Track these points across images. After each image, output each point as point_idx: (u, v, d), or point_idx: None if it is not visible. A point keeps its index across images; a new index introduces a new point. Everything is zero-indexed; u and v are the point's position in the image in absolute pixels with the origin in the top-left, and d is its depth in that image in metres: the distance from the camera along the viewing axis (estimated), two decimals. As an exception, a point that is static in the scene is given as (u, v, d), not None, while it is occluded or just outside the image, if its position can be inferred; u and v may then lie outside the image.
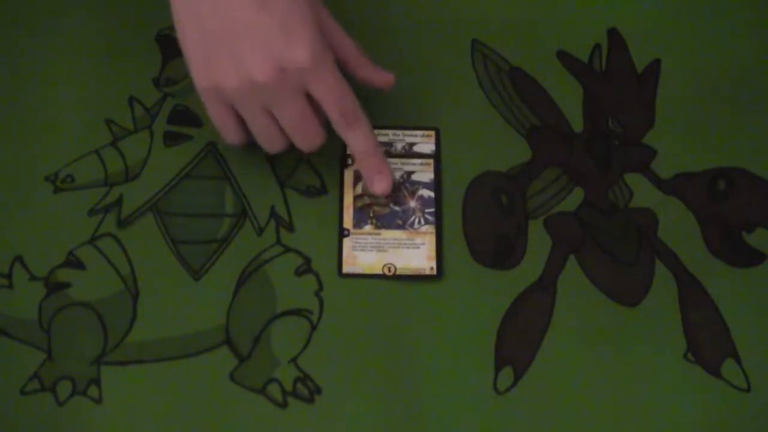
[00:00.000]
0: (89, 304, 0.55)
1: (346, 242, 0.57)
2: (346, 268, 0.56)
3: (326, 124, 0.54)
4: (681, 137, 0.61)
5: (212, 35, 0.50)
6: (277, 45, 0.49)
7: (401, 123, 0.61)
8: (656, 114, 0.62)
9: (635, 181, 0.60)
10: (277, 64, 0.49)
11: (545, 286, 0.56)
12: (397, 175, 0.59)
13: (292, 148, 0.55)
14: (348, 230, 0.57)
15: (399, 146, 0.60)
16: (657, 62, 0.63)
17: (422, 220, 0.58)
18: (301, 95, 0.51)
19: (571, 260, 0.57)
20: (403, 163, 0.59)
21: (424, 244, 0.57)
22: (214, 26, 0.50)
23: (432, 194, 0.58)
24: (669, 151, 0.60)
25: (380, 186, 0.56)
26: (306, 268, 0.56)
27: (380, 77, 0.57)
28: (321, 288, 0.56)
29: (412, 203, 0.58)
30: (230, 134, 0.55)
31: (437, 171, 0.59)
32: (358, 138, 0.54)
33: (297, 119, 0.53)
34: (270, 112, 0.52)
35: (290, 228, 0.57)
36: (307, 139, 0.54)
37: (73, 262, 0.56)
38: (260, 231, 0.57)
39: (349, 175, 0.59)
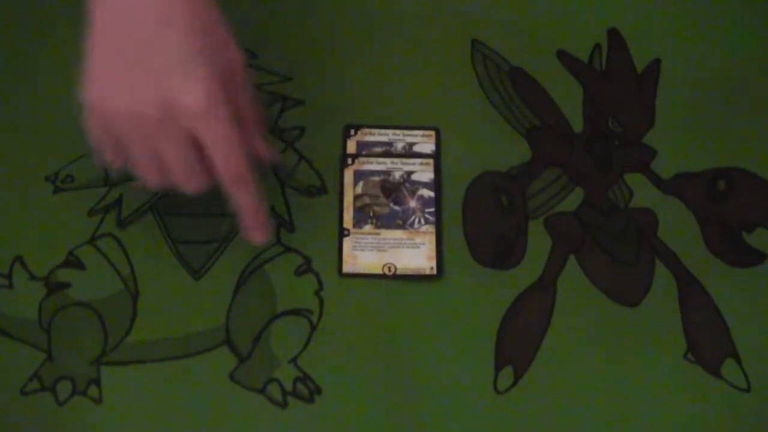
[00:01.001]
0: (89, 304, 0.55)
1: (346, 242, 0.57)
2: (346, 268, 0.56)
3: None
4: (681, 137, 0.61)
5: (116, 49, 0.47)
6: (174, 79, 0.46)
7: (401, 123, 0.61)
8: (656, 114, 0.62)
9: (635, 181, 0.60)
10: (168, 102, 0.46)
11: (545, 286, 0.56)
12: (397, 175, 0.59)
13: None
14: (348, 230, 0.57)
15: (399, 146, 0.60)
16: (657, 62, 0.63)
17: (422, 220, 0.58)
18: (186, 138, 0.48)
19: (571, 260, 0.57)
20: (403, 163, 0.59)
21: (424, 243, 0.57)
22: (121, 40, 0.47)
23: (432, 194, 0.58)
24: (669, 151, 0.60)
25: (258, 237, 0.53)
26: (306, 268, 0.56)
27: (262, 149, 0.54)
28: (321, 288, 0.56)
29: (412, 203, 0.58)
30: (110, 156, 0.51)
31: (437, 171, 0.59)
32: (241, 197, 0.51)
33: (177, 162, 0.49)
34: (154, 148, 0.49)
35: (290, 228, 0.57)
36: (186, 184, 0.50)
37: (73, 262, 0.56)
38: (260, 231, 0.57)
39: (349, 175, 0.59)
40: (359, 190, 0.58)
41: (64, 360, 0.53)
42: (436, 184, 0.59)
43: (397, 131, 0.60)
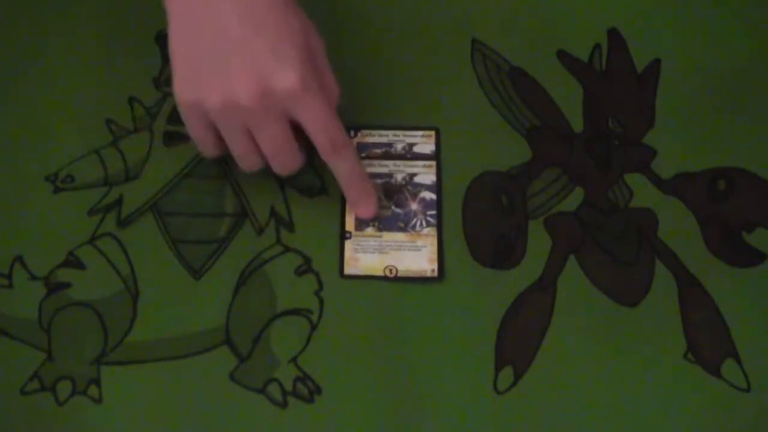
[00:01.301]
0: (89, 304, 0.55)
1: (348, 244, 0.57)
2: (348, 270, 0.56)
3: (307, 150, 0.54)
4: (681, 137, 0.61)
5: (203, 50, 0.50)
6: (267, 67, 0.49)
7: (401, 123, 0.61)
8: (656, 114, 0.62)
9: (635, 181, 0.60)
10: (264, 85, 0.49)
11: (545, 286, 0.56)
12: (399, 177, 0.59)
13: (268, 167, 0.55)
14: (350, 232, 0.57)
15: (399, 146, 0.60)
16: (657, 62, 0.63)
17: (424, 223, 0.58)
18: (284, 120, 0.51)
19: (571, 260, 0.57)
20: (405, 165, 0.59)
21: (425, 246, 0.57)
22: (207, 41, 0.49)
23: (434, 196, 0.58)
24: (669, 151, 0.60)
25: (366, 210, 0.56)
26: (306, 268, 0.56)
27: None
28: (321, 288, 0.56)
29: (414, 205, 0.58)
30: (207, 149, 0.55)
31: (439, 173, 0.59)
32: (344, 165, 0.54)
33: (277, 144, 0.52)
34: (250, 132, 0.52)
35: (290, 228, 0.57)
36: (285, 164, 0.54)
37: (73, 262, 0.56)
38: (260, 231, 0.57)
39: None
40: None
41: (64, 360, 0.53)
42: (438, 187, 0.59)
43: (397, 132, 0.60)
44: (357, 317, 0.55)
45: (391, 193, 0.58)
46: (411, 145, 0.60)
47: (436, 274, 0.56)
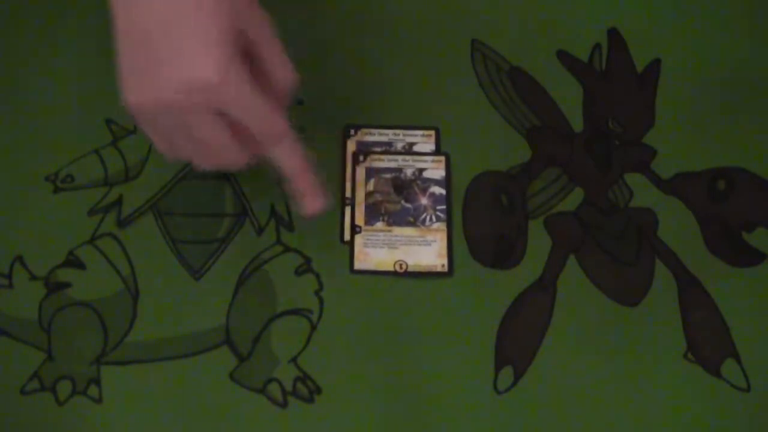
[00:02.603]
0: (89, 304, 0.55)
1: (358, 239, 0.57)
2: (358, 265, 0.56)
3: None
4: (681, 137, 0.61)
5: (133, 52, 0.46)
6: (184, 67, 0.45)
7: (401, 123, 0.61)
8: (656, 114, 0.62)
9: (635, 181, 0.60)
10: (185, 86, 0.45)
11: (545, 286, 0.56)
12: (409, 172, 0.59)
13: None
14: (360, 227, 0.57)
15: (399, 146, 0.60)
16: (657, 62, 0.63)
17: (433, 218, 0.58)
18: (212, 116, 0.46)
19: (571, 260, 0.57)
20: (414, 160, 0.59)
21: (435, 241, 0.57)
22: (134, 41, 0.46)
23: (443, 191, 0.58)
24: (669, 151, 0.60)
25: (312, 205, 0.51)
26: (306, 267, 0.56)
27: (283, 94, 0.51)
28: (321, 287, 0.56)
29: (424, 200, 0.58)
30: (162, 150, 0.51)
31: (448, 168, 0.59)
32: (283, 156, 0.49)
33: (216, 141, 0.48)
34: (189, 131, 0.48)
35: (290, 228, 0.57)
36: (224, 161, 0.49)
37: (73, 261, 0.56)
38: (260, 231, 0.57)
39: (360, 172, 0.59)
40: (371, 187, 0.58)
41: (64, 360, 0.53)
42: (447, 182, 0.59)
43: (397, 131, 0.60)
44: (356, 318, 0.55)
45: (401, 187, 0.58)
46: (411, 144, 0.60)
47: (446, 269, 0.56)
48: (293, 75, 0.50)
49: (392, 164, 0.59)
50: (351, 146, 0.60)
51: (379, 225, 0.57)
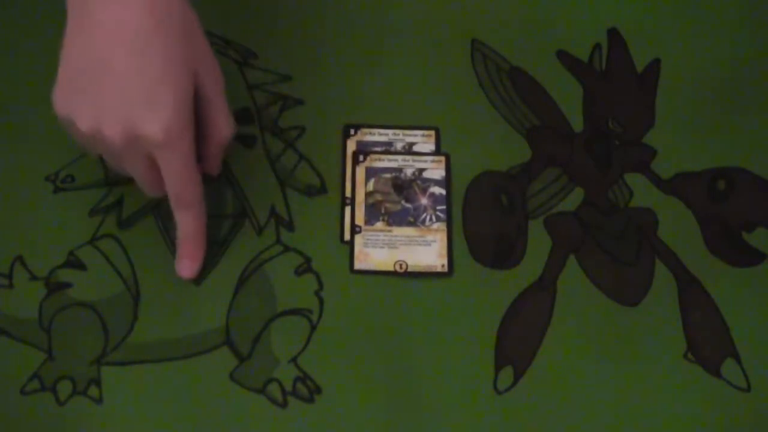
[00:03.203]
0: (90, 305, 0.55)
1: (358, 239, 0.57)
2: (358, 265, 0.56)
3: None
4: (681, 137, 0.61)
5: (86, 68, 0.48)
6: (136, 112, 0.47)
7: (401, 123, 0.61)
8: (656, 114, 0.62)
9: (635, 181, 0.60)
10: (129, 130, 0.47)
11: (545, 286, 0.56)
12: (409, 172, 0.59)
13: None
14: (360, 227, 0.57)
15: (399, 146, 0.60)
16: (657, 62, 0.63)
17: (433, 218, 0.58)
18: (146, 158, 0.49)
19: (571, 260, 0.57)
20: (414, 160, 0.59)
21: (435, 241, 0.57)
22: (90, 60, 0.47)
23: (443, 191, 0.58)
24: (669, 151, 0.60)
25: (186, 271, 0.54)
26: (306, 267, 0.56)
27: (209, 167, 0.55)
28: (321, 287, 0.56)
29: (424, 200, 0.58)
30: (90, 152, 0.54)
31: (448, 168, 0.59)
32: (185, 220, 0.53)
33: (138, 174, 0.51)
34: (118, 160, 0.51)
35: (290, 227, 0.57)
36: (152, 191, 0.53)
37: (73, 262, 0.56)
38: (260, 231, 0.57)
39: (360, 172, 0.59)
40: (371, 187, 0.58)
41: (65, 360, 0.53)
42: (447, 182, 0.59)
43: (397, 131, 0.60)
44: (356, 318, 0.55)
45: (401, 188, 0.58)
46: (411, 144, 0.60)
47: (446, 269, 0.56)
48: (231, 129, 0.53)
49: (392, 164, 0.59)
50: (351, 146, 0.60)
51: (379, 225, 0.57)
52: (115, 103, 0.47)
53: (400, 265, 0.56)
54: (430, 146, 0.60)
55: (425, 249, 0.57)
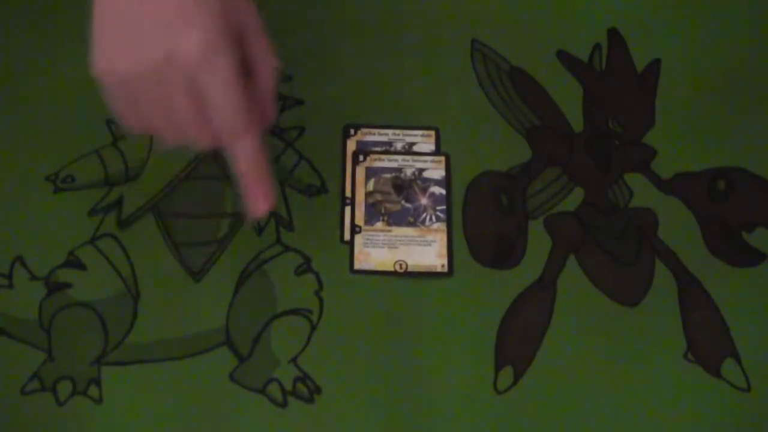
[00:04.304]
0: (90, 305, 0.55)
1: (358, 239, 0.57)
2: (359, 265, 0.56)
3: None
4: (681, 137, 0.61)
5: (116, 8, 0.45)
6: (173, 31, 0.44)
7: (401, 123, 0.61)
8: (656, 114, 0.62)
9: (635, 181, 0.60)
10: (168, 53, 0.44)
11: (545, 286, 0.56)
12: (409, 172, 0.59)
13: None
14: (360, 227, 0.57)
15: (399, 146, 0.60)
16: (657, 62, 0.63)
17: (433, 218, 0.58)
18: (188, 93, 0.45)
19: (571, 260, 0.57)
20: (414, 160, 0.59)
21: (435, 241, 0.57)
22: (125, 4, 0.45)
23: (443, 191, 0.58)
24: (669, 151, 0.60)
25: (261, 205, 0.48)
26: (306, 267, 0.56)
27: (266, 112, 0.50)
28: (321, 287, 0.56)
29: (424, 200, 0.58)
30: (128, 122, 0.49)
31: (448, 168, 0.59)
32: (244, 150, 0.47)
33: (185, 115, 0.46)
34: (162, 106, 0.47)
35: (290, 227, 0.57)
36: (188, 139, 0.48)
37: (73, 262, 0.56)
38: (260, 230, 0.57)
39: (360, 172, 0.59)
40: (371, 187, 0.58)
41: (64, 360, 0.53)
42: (447, 182, 0.59)
43: (397, 131, 0.60)
44: (357, 318, 0.55)
45: (401, 187, 0.58)
46: (411, 144, 0.60)
47: (446, 269, 0.56)
48: (276, 63, 0.49)
49: (392, 164, 0.59)
50: (351, 146, 0.60)
51: (379, 225, 0.57)
52: (152, 33, 0.44)
53: (400, 265, 0.56)
54: (430, 146, 0.60)
55: (425, 249, 0.57)
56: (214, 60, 0.44)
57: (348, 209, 0.58)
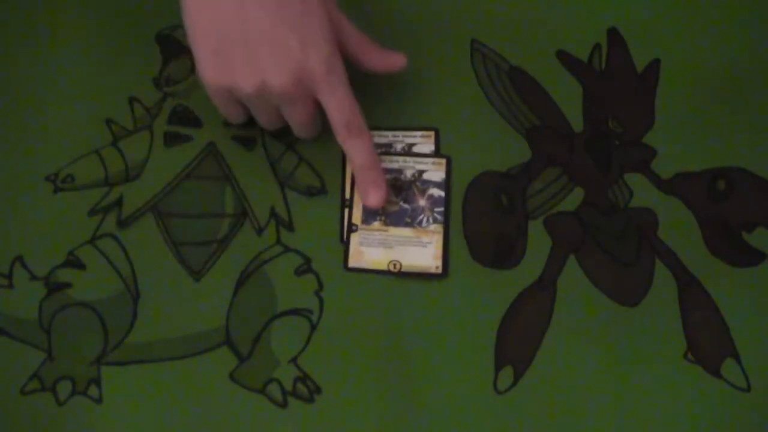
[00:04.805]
0: (90, 305, 0.55)
1: (354, 237, 0.57)
2: (352, 263, 0.56)
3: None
4: (681, 137, 0.61)
5: (229, 37, 0.51)
6: (295, 56, 0.51)
7: (401, 123, 0.61)
8: (656, 114, 0.62)
9: (635, 181, 0.60)
10: (294, 74, 0.51)
11: (545, 286, 0.56)
12: (408, 173, 0.59)
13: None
14: (356, 226, 0.57)
15: (398, 147, 0.60)
16: (657, 62, 0.63)
17: (431, 219, 0.58)
18: (310, 100, 0.54)
19: (571, 260, 0.57)
20: (414, 162, 0.59)
21: (431, 242, 0.57)
22: (232, 28, 0.51)
23: (442, 193, 0.58)
24: (669, 151, 0.60)
25: (375, 198, 0.56)
26: (306, 268, 0.56)
27: (392, 62, 0.58)
28: (321, 288, 0.56)
29: (422, 202, 0.58)
30: (233, 119, 0.58)
31: (448, 170, 0.59)
32: (359, 150, 0.55)
33: (303, 119, 0.55)
34: (278, 109, 0.55)
35: (290, 228, 0.57)
36: (308, 132, 0.57)
37: (73, 262, 0.56)
38: (260, 231, 0.57)
39: None
40: None
41: (64, 360, 0.53)
42: (447, 184, 0.59)
43: (397, 132, 0.60)
44: (357, 317, 0.55)
45: (400, 188, 0.58)
46: (410, 145, 0.60)
47: (440, 270, 0.56)
48: (379, 50, 0.57)
49: (393, 165, 0.59)
50: (351, 146, 0.60)
51: (376, 224, 0.57)
52: (273, 56, 0.51)
53: (394, 264, 0.56)
54: (430, 146, 0.60)
55: (420, 250, 0.57)
56: (335, 78, 0.52)
57: (347, 210, 0.58)
